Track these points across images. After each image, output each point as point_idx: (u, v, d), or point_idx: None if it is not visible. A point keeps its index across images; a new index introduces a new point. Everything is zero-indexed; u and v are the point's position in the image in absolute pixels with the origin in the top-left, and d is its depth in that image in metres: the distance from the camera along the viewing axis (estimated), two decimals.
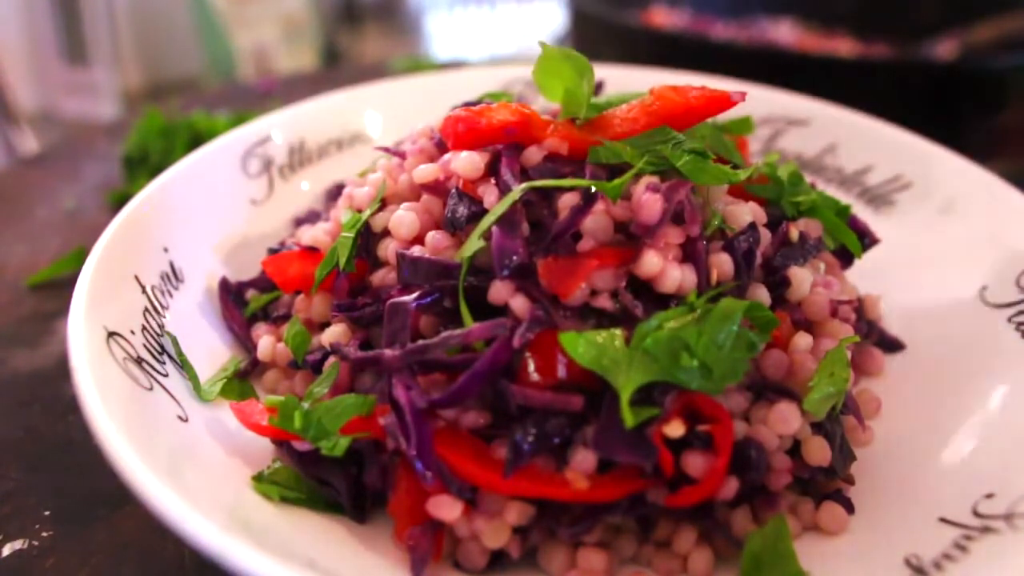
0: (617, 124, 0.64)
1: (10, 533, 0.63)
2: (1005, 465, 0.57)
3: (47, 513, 0.65)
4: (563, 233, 0.56)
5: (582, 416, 0.54)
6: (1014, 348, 0.66)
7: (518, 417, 0.54)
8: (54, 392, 0.78)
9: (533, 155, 0.63)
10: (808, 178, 0.74)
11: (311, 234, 0.72)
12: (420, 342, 0.56)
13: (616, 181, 0.57)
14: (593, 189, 0.58)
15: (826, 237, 0.69)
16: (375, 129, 0.96)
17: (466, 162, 0.63)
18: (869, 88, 1.22)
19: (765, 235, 0.62)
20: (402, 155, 0.72)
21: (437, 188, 0.66)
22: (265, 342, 0.68)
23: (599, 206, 0.57)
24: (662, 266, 0.55)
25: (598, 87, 0.78)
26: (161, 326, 0.65)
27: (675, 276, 0.55)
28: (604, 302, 0.55)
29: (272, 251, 0.75)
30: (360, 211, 0.69)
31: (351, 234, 0.66)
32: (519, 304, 0.55)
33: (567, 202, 0.58)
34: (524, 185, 0.58)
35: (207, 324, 0.72)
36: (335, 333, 0.63)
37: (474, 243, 0.57)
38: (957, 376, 0.67)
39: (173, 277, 0.70)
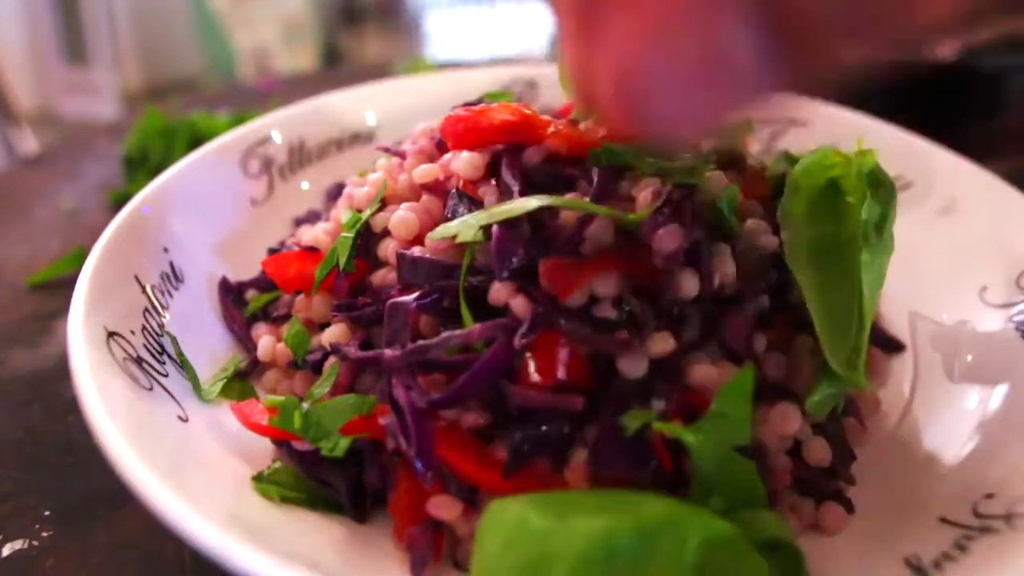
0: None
1: (10, 533, 0.63)
2: (1005, 465, 0.57)
3: (47, 513, 0.65)
4: (570, 243, 0.56)
5: (582, 416, 0.53)
6: (1014, 348, 0.66)
7: (518, 417, 0.53)
8: (54, 392, 0.77)
9: (533, 155, 0.63)
10: None
11: (311, 234, 0.72)
12: (420, 342, 0.56)
13: (633, 216, 0.56)
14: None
15: None
16: (375, 129, 0.96)
17: (466, 162, 0.62)
18: (869, 88, 1.22)
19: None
20: (402, 155, 0.72)
21: (437, 188, 0.65)
22: (265, 342, 0.68)
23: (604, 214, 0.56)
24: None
25: None
26: (161, 326, 0.65)
27: (693, 285, 0.55)
28: (606, 311, 0.54)
29: (272, 251, 0.75)
30: (360, 211, 0.69)
31: (351, 234, 0.66)
32: (519, 305, 0.54)
33: (572, 214, 0.57)
34: (538, 201, 0.56)
35: (207, 324, 0.72)
36: (335, 333, 0.63)
37: (474, 231, 0.56)
38: (957, 376, 0.67)
39: (173, 277, 0.70)
